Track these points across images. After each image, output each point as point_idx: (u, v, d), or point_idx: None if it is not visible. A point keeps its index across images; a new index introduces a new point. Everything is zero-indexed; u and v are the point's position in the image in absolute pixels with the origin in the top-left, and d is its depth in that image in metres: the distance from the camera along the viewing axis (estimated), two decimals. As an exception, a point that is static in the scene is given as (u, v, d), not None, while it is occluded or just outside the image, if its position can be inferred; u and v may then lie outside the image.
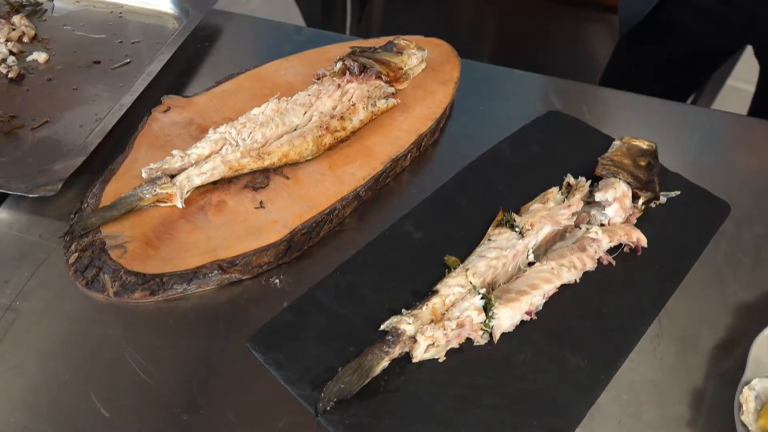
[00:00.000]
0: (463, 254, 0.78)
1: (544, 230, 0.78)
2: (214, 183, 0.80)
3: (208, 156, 0.80)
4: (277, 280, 0.76)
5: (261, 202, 0.79)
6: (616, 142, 0.93)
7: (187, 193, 0.77)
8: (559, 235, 0.81)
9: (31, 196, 0.74)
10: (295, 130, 0.85)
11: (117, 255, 0.71)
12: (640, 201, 0.85)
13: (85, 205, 0.76)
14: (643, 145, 0.91)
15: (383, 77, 0.94)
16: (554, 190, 0.85)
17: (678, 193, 0.88)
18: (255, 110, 0.85)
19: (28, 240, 0.76)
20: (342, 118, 0.86)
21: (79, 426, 0.62)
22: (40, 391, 0.64)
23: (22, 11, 1.07)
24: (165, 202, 0.76)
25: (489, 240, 0.78)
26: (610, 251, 0.81)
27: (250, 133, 0.82)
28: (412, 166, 0.92)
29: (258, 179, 0.81)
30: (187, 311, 0.72)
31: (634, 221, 0.85)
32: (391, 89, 0.94)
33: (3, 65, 0.95)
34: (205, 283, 0.72)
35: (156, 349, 0.68)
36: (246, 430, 0.63)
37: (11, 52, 0.98)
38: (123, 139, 0.86)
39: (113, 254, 0.71)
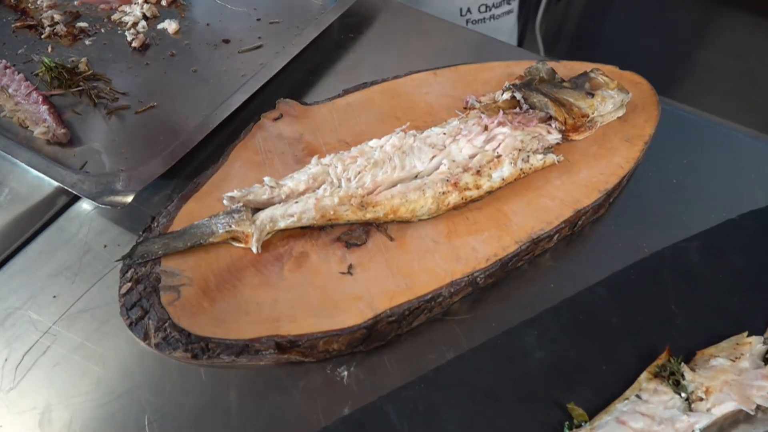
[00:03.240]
0: (597, 402, 0.57)
1: (724, 407, 0.54)
2: (302, 227, 0.65)
3: (303, 192, 0.65)
4: (345, 373, 0.60)
5: (350, 267, 0.63)
6: None
7: (267, 235, 0.63)
8: (745, 414, 0.56)
9: (98, 205, 0.65)
10: (416, 177, 0.67)
11: (168, 300, 0.60)
12: None
13: (156, 224, 0.66)
14: None
15: (557, 124, 0.72)
16: (754, 340, 0.59)
17: None
18: (373, 142, 0.68)
19: (92, 249, 0.67)
20: (479, 173, 0.66)
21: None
22: (49, 443, 0.55)
23: (172, -33, 0.98)
24: (239, 242, 0.63)
25: (638, 397, 0.56)
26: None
27: (359, 172, 0.65)
28: (558, 248, 0.70)
29: (355, 233, 0.65)
30: (229, 385, 0.59)
31: None
32: (555, 139, 0.71)
33: (132, 31, 0.87)
34: (257, 359, 0.59)
35: (177, 424, 0.56)
36: None
37: (145, 16, 0.90)
38: (224, 144, 0.74)
39: (164, 298, 0.60)
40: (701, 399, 0.54)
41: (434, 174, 0.66)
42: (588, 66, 0.79)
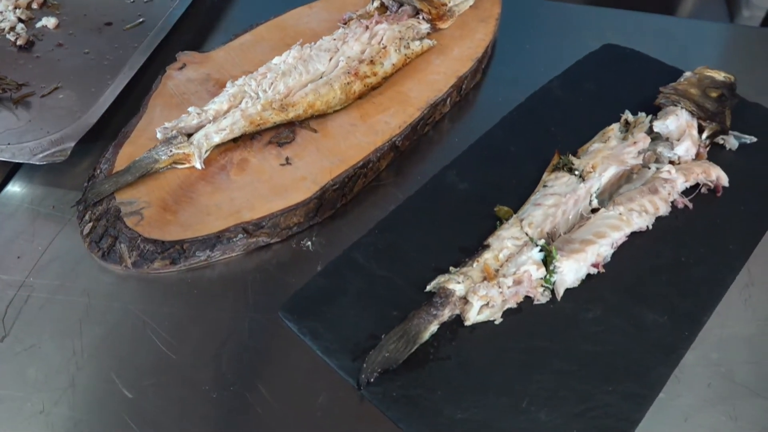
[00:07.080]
0: (516, 204, 0.69)
1: (609, 171, 0.69)
2: (235, 140, 0.73)
3: (227, 111, 0.73)
4: (309, 243, 0.68)
5: (287, 158, 0.71)
6: (687, 74, 0.81)
7: (206, 152, 0.70)
8: (625, 177, 0.71)
9: (39, 163, 0.68)
10: (321, 78, 0.77)
11: (133, 222, 0.65)
12: (705, 134, 0.74)
13: (98, 171, 0.70)
14: (719, 76, 0.79)
15: (424, 15, 0.84)
16: (615, 126, 0.75)
17: (754, 139, 0.76)
18: (276, 59, 0.77)
19: (42, 212, 0.70)
20: (372, 62, 0.78)
21: (101, 409, 0.56)
22: (58, 372, 0.58)
23: (31, -23, 1.01)
24: (183, 164, 0.70)
25: (545, 186, 0.69)
26: (685, 193, 0.71)
27: (272, 83, 0.74)
28: (453, 113, 0.83)
29: (283, 134, 0.74)
30: (212, 280, 0.65)
31: (704, 159, 0.74)
32: (426, 28, 0.84)
33: (12, 33, 0.90)
34: (230, 248, 0.66)
35: (180, 322, 0.62)
36: (282, 407, 0.57)
37: (20, 20, 0.92)
38: (138, 101, 0.80)
39: (129, 222, 0.65)
40: (590, 172, 0.68)
41: (336, 70, 0.76)
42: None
